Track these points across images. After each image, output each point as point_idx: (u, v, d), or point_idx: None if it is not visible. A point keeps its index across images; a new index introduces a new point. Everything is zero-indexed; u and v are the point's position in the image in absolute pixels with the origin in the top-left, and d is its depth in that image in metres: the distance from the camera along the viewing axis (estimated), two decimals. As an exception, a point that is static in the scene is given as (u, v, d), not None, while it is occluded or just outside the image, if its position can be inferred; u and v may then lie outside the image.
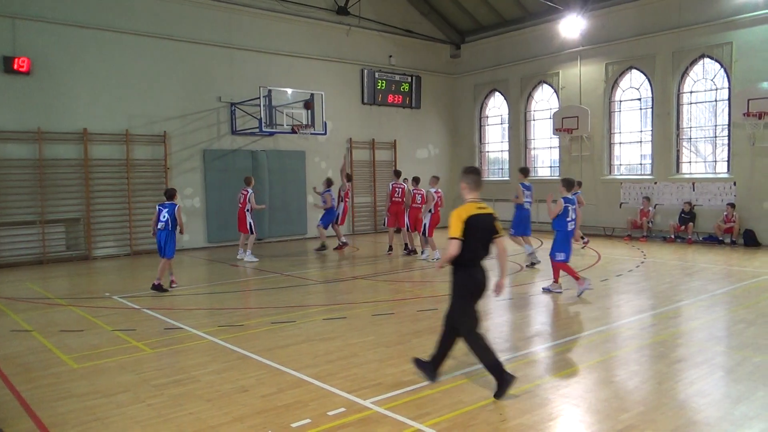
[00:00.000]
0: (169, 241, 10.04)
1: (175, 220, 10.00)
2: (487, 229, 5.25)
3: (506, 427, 4.48)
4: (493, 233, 5.30)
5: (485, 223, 5.23)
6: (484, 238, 5.25)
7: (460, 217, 5.12)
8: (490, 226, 5.28)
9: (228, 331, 7.49)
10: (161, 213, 10.07)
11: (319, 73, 18.61)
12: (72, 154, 14.37)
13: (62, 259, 14.21)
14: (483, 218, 5.22)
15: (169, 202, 10.18)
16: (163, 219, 10.01)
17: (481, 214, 5.22)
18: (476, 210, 5.21)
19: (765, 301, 8.64)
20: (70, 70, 14.24)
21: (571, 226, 9.42)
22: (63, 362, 6.32)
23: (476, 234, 5.15)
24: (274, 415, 4.78)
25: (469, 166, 5.67)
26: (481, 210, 5.24)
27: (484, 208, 5.30)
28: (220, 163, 16.60)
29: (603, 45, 17.83)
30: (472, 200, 5.34)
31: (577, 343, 6.70)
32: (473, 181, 5.42)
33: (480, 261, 5.26)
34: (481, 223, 5.19)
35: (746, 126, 14.89)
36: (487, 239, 5.28)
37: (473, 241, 5.14)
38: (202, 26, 16.28)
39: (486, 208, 5.30)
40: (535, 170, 20.78)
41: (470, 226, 5.12)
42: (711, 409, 4.79)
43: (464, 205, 5.29)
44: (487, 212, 5.29)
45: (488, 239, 5.29)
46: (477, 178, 5.44)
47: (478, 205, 5.27)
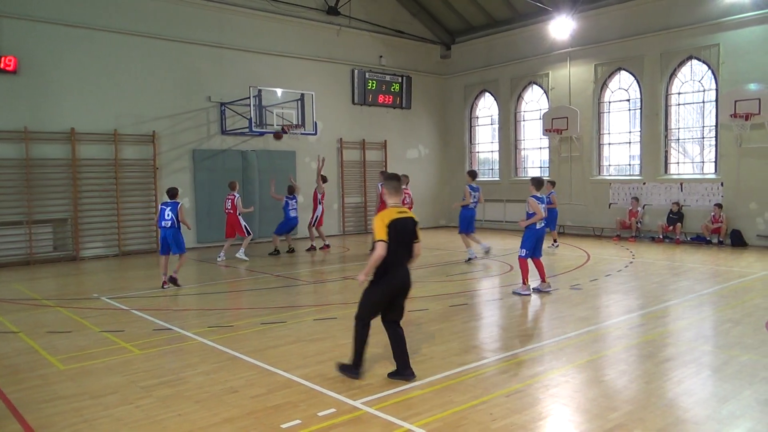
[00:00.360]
0: (177, 237, 10.39)
1: (179, 218, 10.36)
2: (408, 232, 5.57)
3: (496, 426, 4.49)
4: (413, 237, 5.63)
5: (406, 227, 5.56)
6: (406, 241, 5.57)
7: (383, 221, 5.44)
8: (411, 229, 5.61)
9: (217, 332, 7.46)
10: (164, 212, 10.35)
11: (309, 73, 18.57)
12: (59, 153, 14.25)
13: (49, 260, 14.09)
14: (404, 222, 5.55)
15: (172, 200, 10.46)
16: (167, 218, 10.31)
17: (402, 218, 5.55)
18: (397, 214, 5.53)
19: (751, 301, 8.73)
20: (58, 70, 14.13)
21: (540, 224, 9.39)
22: (50, 364, 6.26)
23: (397, 237, 5.47)
24: (264, 416, 4.77)
25: (390, 173, 6.00)
26: (401, 214, 5.57)
27: (405, 212, 5.63)
28: (209, 163, 16.53)
29: (592, 46, 17.94)
30: (393, 205, 5.67)
31: (567, 342, 6.73)
32: (393, 187, 5.74)
33: (402, 262, 5.56)
34: (401, 227, 5.51)
35: (733, 127, 15.04)
36: (408, 241, 5.59)
37: (395, 244, 5.45)
38: (192, 25, 16.21)
39: (406, 213, 5.63)
40: (525, 171, 20.88)
41: (392, 229, 5.44)
42: (698, 408, 4.83)
43: (386, 210, 5.61)
44: (408, 216, 5.62)
45: (410, 241, 5.61)
46: (397, 185, 5.77)
47: (399, 210, 5.60)
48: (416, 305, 8.82)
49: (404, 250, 5.57)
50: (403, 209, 5.67)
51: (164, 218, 10.35)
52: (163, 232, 10.43)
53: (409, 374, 5.54)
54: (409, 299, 8.66)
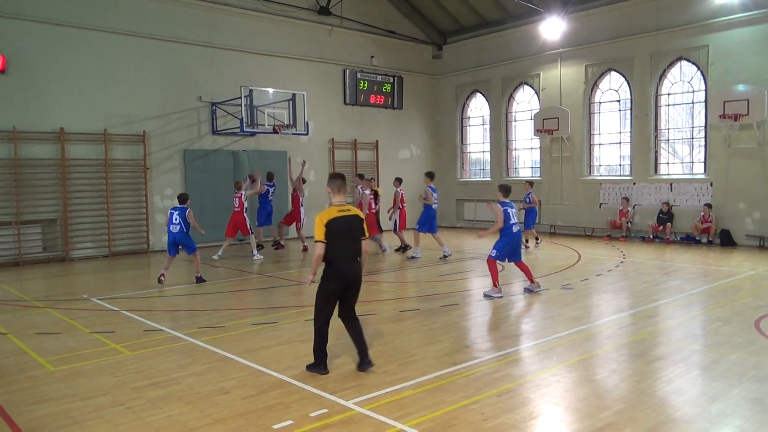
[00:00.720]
0: (185, 240, 10.75)
1: (187, 222, 10.69)
2: (352, 229, 5.71)
3: (488, 426, 4.50)
4: (360, 234, 5.76)
5: (348, 224, 5.68)
6: (350, 238, 5.69)
7: (321, 221, 5.58)
8: (355, 226, 5.74)
9: (209, 333, 7.43)
10: (173, 216, 10.74)
11: (301, 73, 18.54)
12: (49, 153, 14.15)
13: (39, 261, 13.98)
14: (345, 220, 5.66)
15: (181, 205, 10.81)
16: (175, 222, 10.68)
17: (343, 216, 5.67)
18: (337, 213, 5.66)
19: (740, 300, 8.80)
20: (47, 69, 14.02)
21: (516, 228, 9.37)
22: (40, 365, 6.22)
23: (339, 235, 5.60)
24: (256, 416, 4.75)
25: (334, 172, 6.00)
26: (342, 212, 5.68)
27: (348, 210, 5.74)
28: (200, 164, 16.46)
29: (583, 47, 18.03)
30: (336, 203, 5.80)
31: (558, 342, 6.76)
32: (336, 185, 5.84)
33: (348, 258, 5.68)
34: (343, 225, 5.63)
35: (722, 128, 15.16)
36: (354, 238, 5.73)
37: (337, 242, 5.59)
38: (182, 25, 16.13)
39: (349, 211, 5.74)
40: (516, 171, 20.95)
41: (331, 228, 5.57)
42: (688, 406, 4.87)
43: (326, 209, 5.74)
44: (351, 214, 5.74)
45: (356, 238, 5.74)
46: (340, 183, 5.86)
47: (340, 208, 5.71)
48: (408, 305, 8.83)
49: (348, 247, 5.67)
50: (346, 207, 5.76)
51: (172, 222, 10.71)
52: (172, 236, 10.73)
53: (366, 363, 5.77)
54: (401, 299, 8.64)
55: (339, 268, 5.65)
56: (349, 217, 5.70)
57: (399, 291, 10.32)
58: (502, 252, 9.32)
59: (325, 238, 5.58)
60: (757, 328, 7.15)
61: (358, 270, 5.78)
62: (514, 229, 9.34)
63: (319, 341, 5.78)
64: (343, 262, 5.65)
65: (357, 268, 5.77)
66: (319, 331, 5.77)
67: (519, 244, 9.58)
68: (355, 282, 5.77)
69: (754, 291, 9.53)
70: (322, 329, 5.77)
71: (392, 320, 7.98)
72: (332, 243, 5.59)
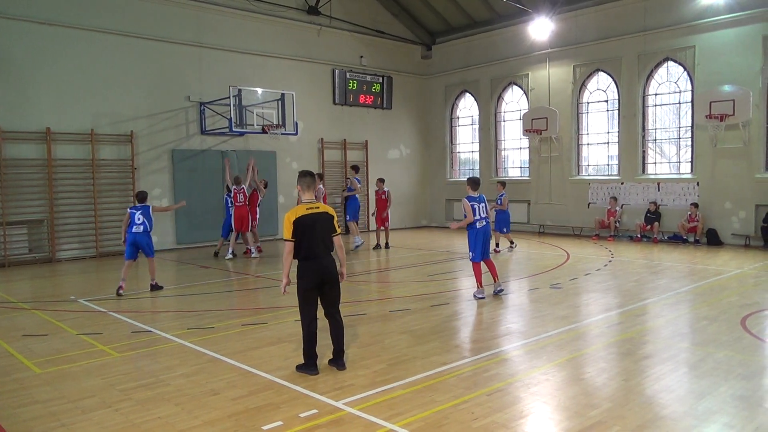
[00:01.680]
0: (149, 240, 10.18)
1: (151, 221, 10.12)
2: (322, 226, 5.75)
3: (478, 425, 4.51)
4: (330, 231, 5.82)
5: (317, 221, 5.72)
6: (320, 234, 5.73)
7: (289, 220, 5.68)
8: (325, 223, 5.77)
9: (197, 334, 7.39)
10: (135, 216, 10.01)
11: (289, 72, 18.49)
12: (35, 153, 14.01)
13: (25, 262, 13.83)
14: (314, 217, 5.71)
15: (142, 204, 10.21)
16: (138, 221, 9.99)
17: (311, 213, 5.72)
18: (305, 211, 5.71)
19: (727, 299, 8.89)
20: (33, 68, 13.88)
21: (480, 224, 9.15)
22: (26, 368, 6.15)
23: (308, 232, 5.66)
24: (246, 417, 4.74)
25: (303, 170, 6.07)
26: (310, 210, 5.73)
27: (316, 208, 5.78)
28: (189, 164, 16.37)
29: (571, 47, 18.13)
30: (306, 201, 5.85)
31: (547, 341, 6.79)
32: (306, 183, 5.91)
33: (320, 255, 5.72)
34: (312, 222, 5.69)
35: (708, 128, 15.30)
36: (325, 234, 5.77)
37: (307, 239, 5.66)
38: (170, 24, 16.03)
39: (318, 208, 5.79)
40: (506, 171, 21.03)
41: (299, 225, 5.65)
42: (676, 404, 4.91)
43: (294, 207, 5.82)
44: (320, 211, 5.78)
45: (327, 234, 5.79)
46: (310, 180, 5.93)
47: (308, 206, 5.76)
48: (398, 305, 8.84)
49: (319, 243, 5.71)
50: (315, 205, 5.79)
51: (135, 223, 9.98)
52: (134, 237, 9.94)
53: (339, 364, 5.85)
54: (390, 299, 8.64)
55: (311, 264, 5.70)
56: (318, 214, 5.74)
57: (388, 291, 10.32)
58: (476, 250, 9.17)
59: (294, 236, 5.65)
60: (743, 326, 7.23)
61: (331, 265, 5.80)
62: (478, 225, 9.11)
63: (308, 341, 5.78)
64: (314, 258, 5.69)
65: (330, 263, 5.80)
66: (306, 330, 5.78)
67: (488, 241, 9.37)
68: (329, 277, 5.77)
69: (740, 289, 9.63)
70: (310, 327, 5.77)
71: (382, 320, 7.98)
72: (302, 240, 5.66)
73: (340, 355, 5.92)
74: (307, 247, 5.67)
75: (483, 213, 9.19)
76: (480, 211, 9.15)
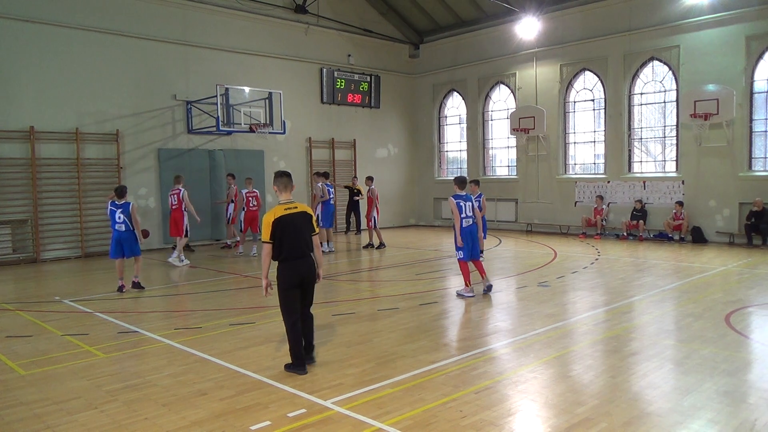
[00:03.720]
0: (131, 240, 9.89)
1: (132, 221, 9.84)
2: (301, 225, 5.75)
3: (466, 423, 4.52)
4: (308, 230, 5.82)
5: (296, 221, 5.72)
6: (300, 234, 5.73)
7: (268, 222, 5.65)
8: (303, 223, 5.77)
9: (185, 334, 7.34)
10: (115, 214, 9.79)
11: (277, 71, 18.43)
12: (18, 153, 13.84)
13: (8, 262, 13.67)
14: (292, 217, 5.71)
15: (123, 201, 9.90)
16: (119, 220, 9.77)
17: (289, 213, 5.71)
18: (283, 211, 5.69)
19: (711, 296, 8.99)
20: (15, 66, 13.71)
21: (467, 222, 9.17)
22: (10, 369, 6.08)
23: (287, 232, 5.65)
24: (234, 418, 4.71)
25: (279, 170, 6.02)
26: (288, 210, 5.72)
27: (294, 207, 5.77)
28: (175, 163, 16.24)
29: (557, 47, 18.23)
30: (283, 201, 5.83)
31: (535, 339, 6.83)
32: (282, 183, 5.86)
33: (299, 254, 5.72)
34: (290, 222, 5.68)
35: (693, 127, 15.46)
36: (303, 234, 5.76)
37: (286, 239, 5.64)
38: (155, 22, 15.91)
39: (296, 208, 5.77)
40: (494, 170, 21.10)
41: (278, 226, 5.63)
42: (662, 400, 4.95)
43: (273, 208, 5.77)
44: (299, 211, 5.77)
45: (305, 234, 5.77)
46: (286, 181, 5.88)
47: (286, 206, 5.74)
48: (386, 304, 8.84)
49: (298, 243, 5.71)
50: (292, 204, 5.79)
51: (116, 221, 9.80)
52: (118, 234, 9.87)
53: (309, 359, 5.91)
54: (379, 298, 8.66)
55: (291, 264, 5.72)
56: (296, 214, 5.75)
57: (377, 290, 10.32)
58: (463, 250, 9.16)
59: (272, 238, 5.63)
60: (728, 323, 7.31)
61: (311, 264, 5.84)
62: (464, 223, 9.12)
63: (293, 341, 5.78)
64: (294, 258, 5.71)
65: (310, 263, 5.83)
66: (291, 331, 5.78)
67: (476, 239, 9.33)
68: (308, 276, 5.82)
69: (724, 287, 9.74)
70: (294, 328, 5.77)
71: (370, 319, 7.98)
72: (282, 241, 5.65)
73: (310, 349, 6.00)
74: (287, 247, 5.66)
75: (469, 212, 9.20)
76: (466, 209, 9.15)
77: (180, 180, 13.37)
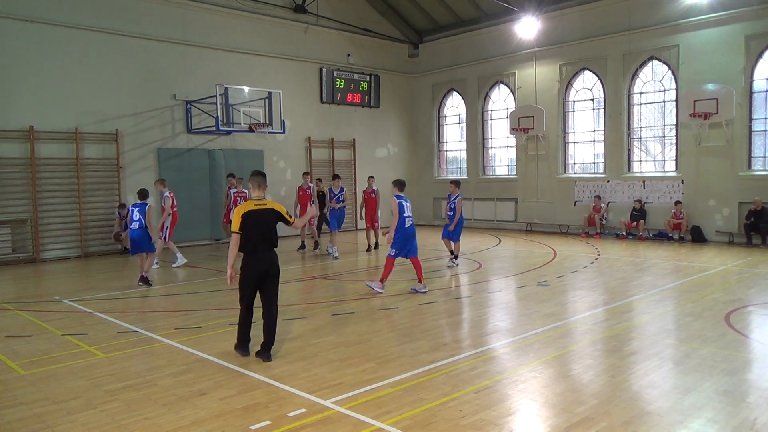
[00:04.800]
0: (143, 239, 10.40)
1: (144, 218, 10.37)
2: (268, 221, 6.14)
3: (466, 423, 4.52)
4: (274, 225, 6.20)
5: (264, 217, 6.12)
6: (266, 229, 6.12)
7: (238, 214, 6.06)
8: (271, 219, 6.17)
9: (185, 334, 7.34)
10: (133, 213, 10.43)
11: (277, 71, 18.42)
12: (18, 152, 13.83)
13: (8, 262, 13.66)
14: (261, 213, 6.12)
15: (141, 201, 10.52)
16: (135, 219, 10.35)
17: (259, 209, 6.13)
18: (254, 206, 6.13)
19: (711, 295, 8.99)
20: (14, 66, 13.70)
21: (408, 222, 9.49)
22: (10, 369, 6.08)
23: (254, 226, 6.05)
24: (233, 417, 4.71)
25: (255, 170, 6.60)
26: (258, 206, 6.14)
27: (264, 204, 6.20)
28: (175, 162, 16.24)
29: (557, 46, 18.23)
30: (255, 198, 6.29)
31: (534, 338, 6.83)
32: (256, 182, 6.37)
33: (264, 248, 6.11)
34: (258, 217, 6.08)
35: (692, 126, 15.47)
36: (268, 230, 6.14)
37: (252, 233, 6.05)
38: (155, 22, 15.89)
39: (265, 204, 6.20)
40: (493, 169, 21.10)
41: (247, 219, 6.04)
42: (662, 400, 4.96)
43: (245, 202, 6.29)
44: (267, 207, 6.18)
45: (270, 230, 6.15)
46: (260, 180, 6.38)
47: (256, 202, 6.18)
48: (387, 303, 8.84)
49: (263, 237, 6.09)
50: (262, 202, 6.21)
51: (133, 220, 10.42)
52: (132, 233, 10.47)
53: (265, 356, 6.17)
54: (378, 297, 8.65)
55: (255, 257, 6.07)
56: (265, 210, 6.14)
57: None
58: (398, 247, 9.45)
59: (241, 229, 6.03)
60: (727, 322, 7.32)
61: (274, 258, 6.19)
62: (407, 223, 9.46)
63: (242, 326, 6.28)
64: (259, 251, 6.08)
65: (273, 257, 6.18)
66: (241, 316, 6.27)
67: (413, 239, 9.61)
68: (272, 269, 6.16)
69: (723, 286, 9.75)
70: (246, 316, 6.26)
71: (370, 319, 7.99)
72: (249, 234, 6.04)
73: (268, 347, 6.24)
74: (252, 240, 6.05)
75: (409, 212, 9.55)
76: (407, 209, 9.50)
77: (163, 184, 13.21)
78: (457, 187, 12.28)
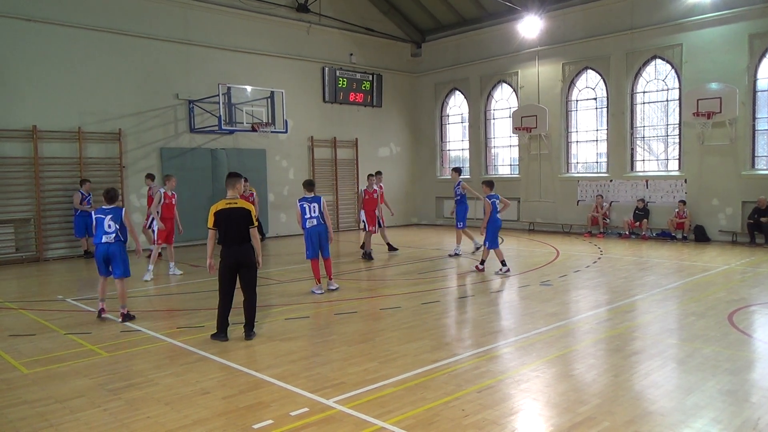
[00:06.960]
0: (123, 255, 7.93)
1: (124, 228, 7.90)
2: (238, 218, 6.84)
3: (468, 422, 4.52)
4: (246, 223, 6.89)
5: (233, 215, 6.83)
6: (236, 225, 6.83)
7: (211, 212, 6.88)
8: (240, 216, 6.85)
9: (187, 333, 7.35)
10: (103, 222, 7.80)
11: (279, 70, 18.43)
12: (21, 152, 13.86)
13: (11, 261, 13.69)
14: (231, 211, 6.85)
15: (112, 206, 7.99)
16: (109, 229, 7.79)
17: (229, 207, 6.86)
18: (225, 205, 6.88)
19: (714, 295, 8.97)
20: (18, 65, 13.73)
21: (309, 223, 9.47)
22: (13, 368, 6.09)
23: (225, 223, 6.82)
24: (236, 416, 4.72)
25: (230, 172, 7.29)
26: (229, 205, 6.88)
27: (235, 203, 6.89)
28: (178, 162, 16.25)
29: (559, 45, 18.19)
30: (228, 197, 6.97)
31: (537, 338, 6.82)
32: (230, 183, 7.06)
33: (233, 243, 6.83)
34: (227, 215, 6.83)
35: (696, 125, 15.43)
36: (240, 227, 6.85)
37: (225, 228, 6.83)
38: (157, 21, 15.91)
39: (236, 204, 6.89)
40: (496, 168, 21.08)
41: (219, 217, 6.85)
42: (664, 399, 4.95)
43: (218, 202, 6.99)
44: (237, 206, 6.87)
45: (242, 227, 6.86)
46: (234, 181, 7.07)
47: (228, 201, 6.91)
48: (389, 303, 8.84)
49: (234, 232, 6.82)
50: (234, 201, 6.91)
51: (105, 231, 7.79)
52: (103, 248, 7.84)
53: (249, 333, 6.95)
54: (381, 297, 8.67)
55: (229, 249, 6.84)
56: (234, 209, 6.86)
57: (379, 289, 10.32)
58: (309, 249, 9.53)
59: (215, 225, 6.86)
60: (730, 322, 7.30)
61: (246, 251, 6.87)
62: (307, 224, 9.53)
63: (220, 314, 6.90)
64: (230, 244, 6.83)
65: (245, 249, 6.87)
66: (221, 304, 6.90)
67: (324, 239, 9.59)
68: (244, 261, 6.86)
69: (727, 285, 9.72)
70: (223, 303, 6.89)
71: (373, 318, 7.99)
72: (222, 229, 6.84)
73: (250, 326, 6.99)
74: (226, 234, 6.83)
75: (314, 213, 9.52)
76: (311, 211, 9.51)
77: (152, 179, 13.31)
78: (458, 174, 12.98)
